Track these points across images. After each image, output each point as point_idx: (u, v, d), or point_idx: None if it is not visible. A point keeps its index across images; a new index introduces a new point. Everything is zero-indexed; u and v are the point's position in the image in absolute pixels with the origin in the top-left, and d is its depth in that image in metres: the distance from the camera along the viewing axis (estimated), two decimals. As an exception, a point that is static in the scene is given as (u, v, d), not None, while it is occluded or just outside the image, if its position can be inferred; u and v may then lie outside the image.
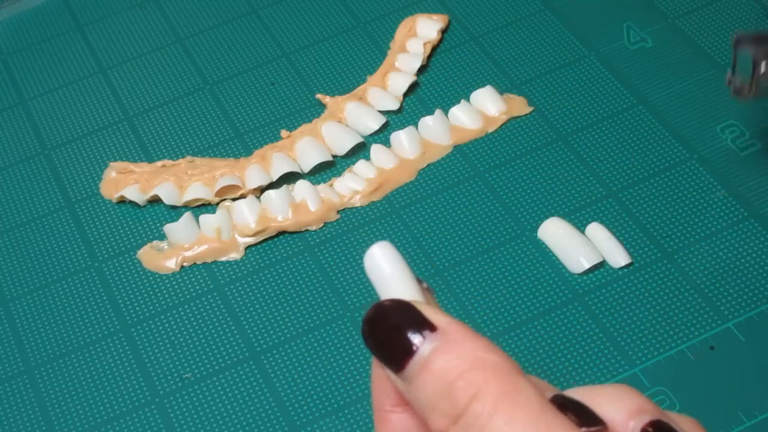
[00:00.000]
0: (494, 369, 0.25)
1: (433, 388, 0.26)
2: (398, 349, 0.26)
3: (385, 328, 0.27)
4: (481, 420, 0.25)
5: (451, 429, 0.26)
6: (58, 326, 0.43)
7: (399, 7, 0.53)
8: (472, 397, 0.25)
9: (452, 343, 0.26)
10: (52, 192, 0.48)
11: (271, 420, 0.39)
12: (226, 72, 0.51)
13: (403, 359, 0.26)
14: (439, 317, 0.26)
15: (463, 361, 0.25)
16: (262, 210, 0.45)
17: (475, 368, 0.25)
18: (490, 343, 0.26)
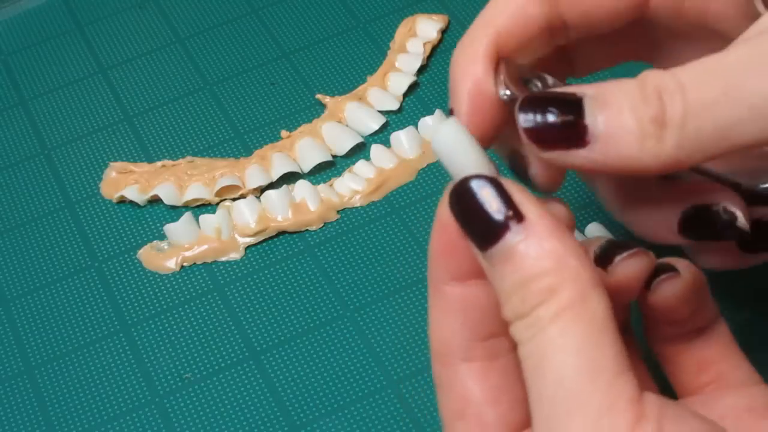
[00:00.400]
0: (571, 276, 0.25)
1: (511, 279, 0.25)
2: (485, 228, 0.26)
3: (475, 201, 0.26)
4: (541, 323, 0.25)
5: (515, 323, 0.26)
6: (58, 326, 0.43)
7: (399, 7, 0.53)
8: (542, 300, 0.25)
9: (536, 238, 0.25)
10: (52, 192, 0.48)
11: (271, 420, 0.39)
12: (226, 72, 0.52)
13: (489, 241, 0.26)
14: (528, 206, 0.26)
15: (545, 261, 0.25)
16: (262, 210, 0.45)
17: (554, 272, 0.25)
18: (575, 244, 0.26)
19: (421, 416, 0.39)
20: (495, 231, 0.26)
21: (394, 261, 0.43)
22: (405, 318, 0.41)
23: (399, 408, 0.39)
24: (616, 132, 0.26)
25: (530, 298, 0.25)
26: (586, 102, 0.26)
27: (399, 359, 0.40)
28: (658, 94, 0.25)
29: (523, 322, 0.25)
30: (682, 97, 0.25)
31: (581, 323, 0.25)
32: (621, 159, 0.26)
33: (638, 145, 0.26)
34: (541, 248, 0.25)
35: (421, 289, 0.42)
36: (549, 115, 0.26)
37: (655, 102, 0.25)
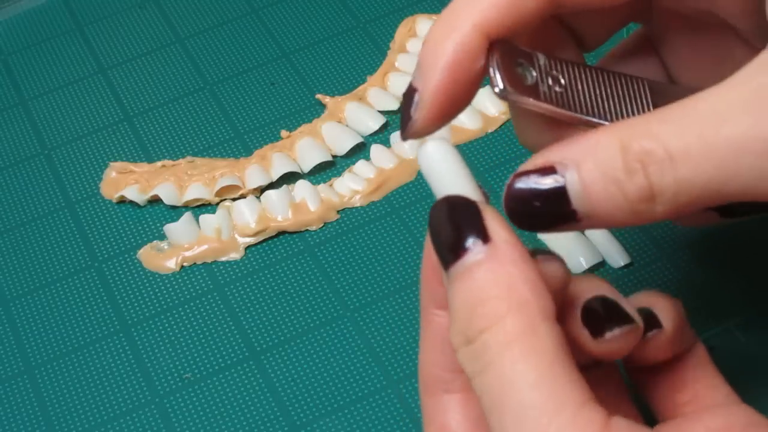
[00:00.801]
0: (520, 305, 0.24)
1: (462, 299, 0.25)
2: (451, 247, 0.25)
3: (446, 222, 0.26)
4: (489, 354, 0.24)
5: (461, 349, 0.25)
6: (58, 326, 0.43)
7: (399, 7, 0.53)
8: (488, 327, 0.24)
9: (495, 261, 0.25)
10: (52, 192, 0.48)
11: (271, 420, 0.39)
12: (226, 72, 0.52)
13: (451, 259, 0.25)
14: (498, 230, 0.25)
15: (495, 285, 0.25)
16: (262, 210, 0.45)
17: (502, 298, 0.24)
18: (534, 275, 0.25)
19: (420, 416, 0.39)
20: (458, 248, 0.25)
21: (394, 261, 0.43)
22: (405, 318, 0.41)
23: (399, 408, 0.39)
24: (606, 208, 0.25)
25: (476, 322, 0.24)
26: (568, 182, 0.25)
27: (399, 359, 0.40)
28: (642, 165, 0.25)
29: (469, 348, 0.25)
30: (673, 173, 0.24)
31: (533, 356, 0.24)
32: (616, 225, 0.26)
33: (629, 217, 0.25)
34: (496, 272, 0.25)
35: (421, 289, 0.42)
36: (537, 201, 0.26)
37: (640, 176, 0.25)
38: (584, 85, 0.29)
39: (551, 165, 0.26)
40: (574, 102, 0.28)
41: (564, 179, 0.25)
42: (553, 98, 0.28)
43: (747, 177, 0.24)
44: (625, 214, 0.25)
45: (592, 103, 0.29)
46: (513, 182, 0.26)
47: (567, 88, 0.28)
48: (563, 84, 0.28)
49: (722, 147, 0.24)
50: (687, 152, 0.24)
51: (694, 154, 0.24)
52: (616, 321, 0.28)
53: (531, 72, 0.28)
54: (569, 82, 0.28)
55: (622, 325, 0.28)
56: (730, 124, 0.24)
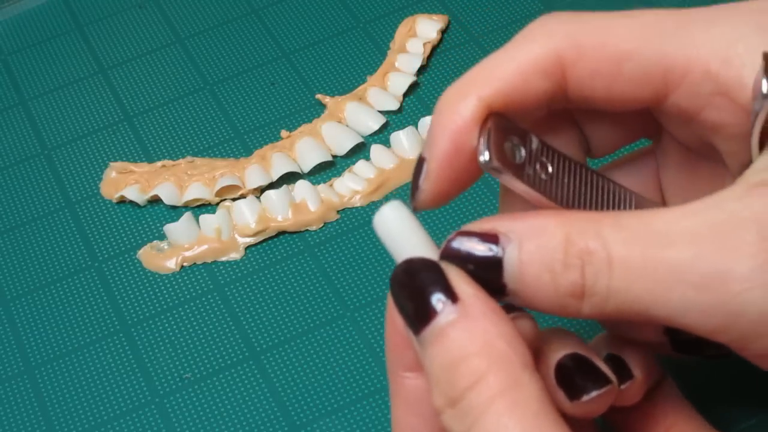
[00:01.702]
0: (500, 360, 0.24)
1: (440, 362, 0.25)
2: (419, 311, 0.25)
3: (408, 287, 0.26)
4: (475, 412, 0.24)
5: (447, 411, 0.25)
6: (58, 326, 0.43)
7: (399, 7, 0.53)
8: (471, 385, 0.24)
9: (469, 319, 0.25)
10: (52, 192, 0.48)
11: (271, 420, 0.39)
12: (226, 72, 0.52)
13: (421, 323, 0.25)
14: (464, 287, 0.25)
15: (473, 343, 0.24)
16: (262, 210, 0.45)
17: (481, 354, 0.24)
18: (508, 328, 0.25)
19: (421, 416, 0.39)
20: (427, 312, 0.25)
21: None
22: (405, 318, 0.41)
23: (399, 408, 0.39)
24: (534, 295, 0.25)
25: (459, 382, 0.24)
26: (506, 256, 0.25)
27: (399, 359, 0.40)
28: (581, 262, 0.25)
29: (457, 408, 0.24)
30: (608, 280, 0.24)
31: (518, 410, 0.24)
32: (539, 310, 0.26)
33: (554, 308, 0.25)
34: (471, 330, 0.25)
35: (421, 289, 0.42)
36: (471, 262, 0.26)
37: (575, 273, 0.25)
38: (570, 180, 0.28)
39: (495, 233, 0.26)
40: (556, 193, 0.28)
41: (503, 252, 0.25)
42: (536, 183, 0.28)
43: (676, 305, 0.24)
44: (551, 305, 0.25)
45: (574, 199, 0.28)
46: (453, 238, 0.26)
47: (553, 178, 0.28)
48: (550, 172, 0.28)
49: (660, 269, 0.24)
50: (626, 264, 0.24)
51: (633, 268, 0.24)
52: (593, 382, 0.28)
53: (520, 151, 0.28)
54: (556, 173, 0.28)
55: (600, 387, 0.28)
56: (675, 250, 0.24)
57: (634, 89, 0.28)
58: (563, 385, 0.27)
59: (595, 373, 0.28)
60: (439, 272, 0.26)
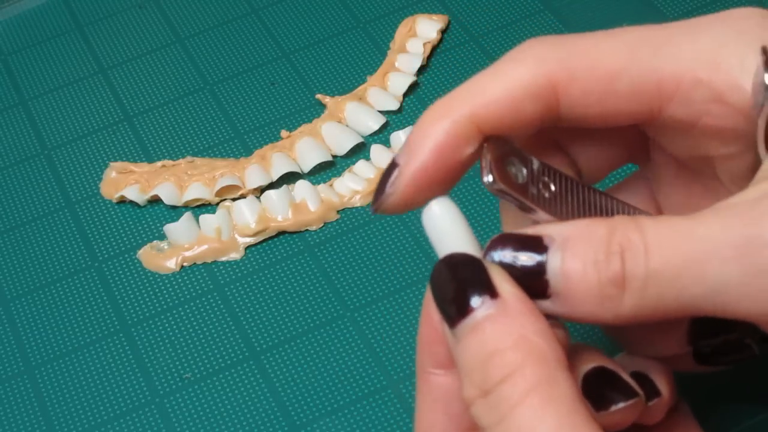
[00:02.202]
0: (536, 355, 0.25)
1: (473, 354, 0.25)
2: (457, 304, 0.26)
3: (450, 281, 0.26)
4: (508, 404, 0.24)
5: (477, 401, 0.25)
6: (58, 326, 0.43)
7: (399, 7, 0.53)
8: (504, 377, 0.24)
9: (506, 315, 0.25)
10: (52, 192, 0.48)
11: (271, 420, 0.39)
12: (226, 72, 0.52)
13: (458, 316, 0.26)
14: (504, 285, 0.26)
15: (509, 337, 0.25)
16: (262, 210, 0.45)
17: (517, 348, 0.25)
18: (545, 326, 0.25)
19: (421, 416, 0.39)
20: (465, 305, 0.25)
21: (394, 261, 0.43)
22: (405, 318, 0.41)
23: (399, 408, 0.39)
24: (577, 290, 0.25)
25: (492, 373, 0.24)
26: (550, 256, 0.26)
27: (399, 359, 0.40)
28: (621, 252, 0.25)
29: (488, 399, 0.25)
30: (645, 262, 0.25)
31: (553, 405, 0.24)
32: (581, 314, 0.26)
33: (597, 305, 0.25)
34: (509, 325, 0.25)
35: (421, 289, 0.42)
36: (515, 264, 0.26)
37: (617, 261, 0.25)
38: (574, 198, 0.29)
39: (540, 235, 0.26)
40: (561, 211, 0.28)
41: (547, 251, 0.26)
42: (541, 202, 0.28)
43: (712, 280, 0.24)
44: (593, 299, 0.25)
45: (579, 216, 0.28)
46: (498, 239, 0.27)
47: (556, 196, 0.28)
48: (553, 191, 0.28)
49: (693, 245, 0.24)
50: (661, 245, 0.25)
51: (667, 247, 0.25)
52: (620, 393, 0.28)
53: (522, 172, 0.28)
54: (559, 191, 0.28)
55: (627, 398, 0.28)
56: (704, 227, 0.25)
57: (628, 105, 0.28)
58: (590, 396, 0.27)
59: (622, 386, 0.28)
60: (481, 268, 0.26)
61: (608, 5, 0.52)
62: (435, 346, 0.28)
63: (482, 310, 0.25)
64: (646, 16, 0.51)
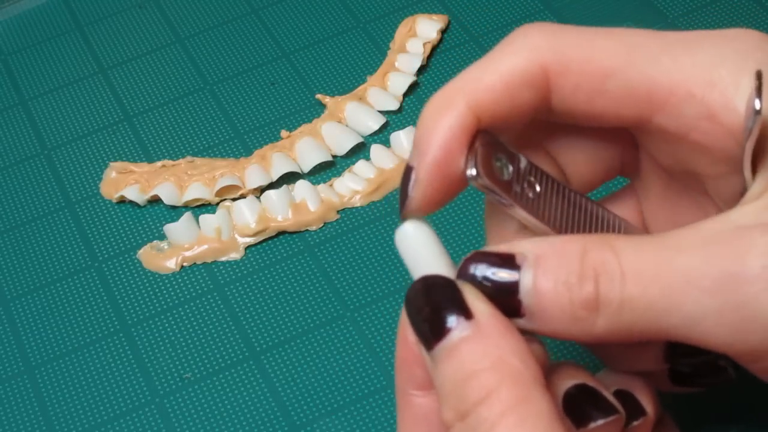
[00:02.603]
0: (512, 375, 0.25)
1: (451, 377, 0.25)
2: (433, 327, 0.26)
3: (424, 303, 0.26)
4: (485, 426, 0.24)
5: (456, 425, 0.25)
6: (58, 326, 0.43)
7: (399, 7, 0.53)
8: (481, 399, 0.24)
9: (482, 336, 0.25)
10: (52, 192, 0.48)
11: (271, 420, 0.39)
12: (226, 72, 0.52)
13: (434, 339, 0.26)
14: (478, 304, 0.26)
15: (485, 358, 0.25)
16: (262, 210, 0.45)
17: (493, 370, 0.25)
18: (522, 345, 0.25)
19: (421, 416, 0.39)
20: (441, 328, 0.26)
21: (394, 261, 0.43)
22: (405, 318, 0.41)
23: (399, 408, 0.39)
24: (549, 310, 0.26)
25: (469, 396, 0.25)
26: (522, 274, 0.26)
27: (399, 359, 0.40)
28: (595, 276, 0.25)
29: (466, 422, 0.25)
30: (621, 287, 0.25)
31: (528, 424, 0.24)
32: (555, 332, 0.26)
33: (570, 324, 0.26)
34: (484, 346, 0.25)
35: (421, 289, 0.42)
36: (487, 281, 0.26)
37: (590, 284, 0.25)
38: (558, 201, 0.29)
39: (512, 253, 0.26)
40: (543, 212, 0.28)
41: (519, 270, 0.26)
42: (524, 201, 0.28)
43: (690, 311, 0.24)
44: (566, 319, 0.25)
45: (562, 220, 0.28)
46: (471, 257, 0.27)
47: (541, 197, 0.28)
48: (538, 192, 0.28)
49: (672, 275, 0.24)
50: (639, 272, 0.25)
51: (645, 275, 0.25)
52: (600, 411, 0.28)
53: (508, 169, 0.28)
54: (544, 192, 0.28)
55: (607, 415, 0.28)
56: (685, 256, 0.24)
57: (617, 107, 0.28)
58: (570, 413, 0.27)
59: (602, 403, 0.28)
60: (454, 289, 0.26)
61: (608, 5, 0.52)
62: (413, 367, 0.28)
63: (457, 332, 0.25)
64: (646, 16, 0.51)
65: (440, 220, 0.44)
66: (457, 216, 0.44)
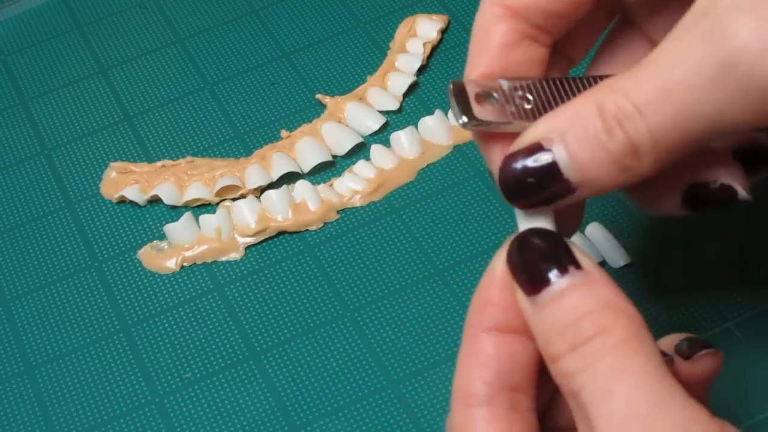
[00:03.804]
0: (627, 314, 0.26)
1: (560, 317, 0.26)
2: (540, 273, 0.27)
3: (534, 251, 0.28)
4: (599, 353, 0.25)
5: (567, 355, 0.26)
6: (58, 326, 0.43)
7: (399, 7, 0.53)
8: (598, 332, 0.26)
9: (593, 284, 0.27)
10: (52, 192, 0.48)
11: (271, 420, 0.39)
12: (226, 72, 0.52)
13: (540, 284, 0.27)
14: (585, 259, 0.27)
15: (599, 301, 0.26)
16: (262, 210, 0.45)
17: (608, 309, 0.26)
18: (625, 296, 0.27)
19: (421, 416, 0.39)
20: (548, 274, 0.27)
21: (394, 261, 0.43)
22: (405, 318, 0.41)
23: (399, 408, 0.39)
24: (594, 173, 0.27)
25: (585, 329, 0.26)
26: (556, 154, 0.27)
27: (399, 359, 0.40)
28: (619, 123, 0.26)
29: (579, 351, 0.26)
30: (645, 123, 0.26)
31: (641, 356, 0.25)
32: (609, 187, 0.27)
33: (620, 176, 0.27)
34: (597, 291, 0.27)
35: (421, 289, 0.42)
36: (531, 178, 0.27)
37: (619, 133, 0.26)
38: (557, 95, 0.29)
39: (537, 141, 0.27)
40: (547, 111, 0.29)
41: (552, 153, 0.27)
42: (524, 115, 0.29)
43: (705, 111, 0.25)
44: (616, 174, 0.27)
45: None
46: (505, 164, 0.28)
47: (536, 102, 0.29)
48: (532, 100, 0.29)
49: (675, 89, 0.25)
50: (650, 101, 0.26)
51: (656, 100, 0.26)
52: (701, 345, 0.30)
53: (494, 96, 0.29)
54: (539, 97, 0.29)
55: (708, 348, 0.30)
56: (679, 68, 0.26)
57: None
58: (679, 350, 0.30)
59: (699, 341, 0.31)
60: (563, 244, 0.27)
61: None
62: (496, 309, 0.29)
63: (567, 279, 0.27)
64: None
65: (442, 217, 0.44)
66: (462, 213, 0.44)
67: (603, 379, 0.25)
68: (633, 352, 0.25)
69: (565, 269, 0.27)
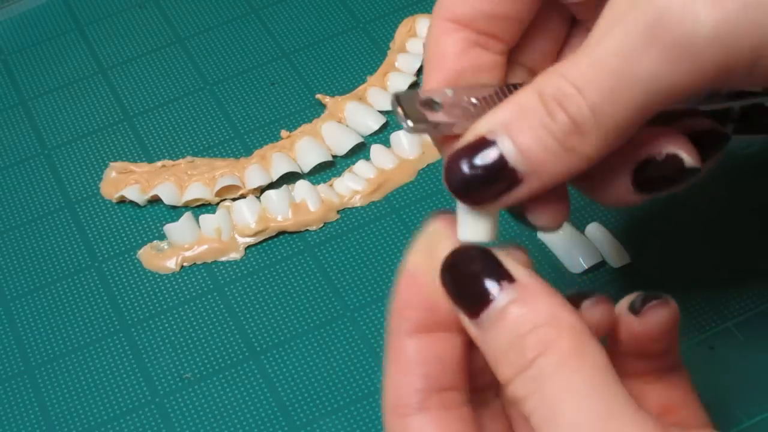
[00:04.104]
0: (568, 327, 0.26)
1: (505, 338, 0.26)
2: (476, 296, 0.26)
3: (464, 274, 0.27)
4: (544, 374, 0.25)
5: (515, 379, 0.26)
6: (58, 326, 0.43)
7: (399, 7, 0.53)
8: (542, 351, 0.25)
9: (530, 296, 0.26)
10: (52, 192, 0.48)
11: (271, 420, 0.39)
12: (226, 72, 0.52)
13: (478, 307, 0.26)
14: (518, 270, 0.27)
15: (539, 315, 0.26)
16: (262, 210, 0.45)
17: (550, 324, 0.26)
18: (566, 302, 0.26)
19: (421, 416, 0.39)
20: (484, 295, 0.26)
21: (394, 261, 0.43)
22: (405, 318, 0.41)
23: (399, 408, 0.39)
24: (541, 158, 0.26)
25: (528, 350, 0.25)
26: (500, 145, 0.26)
27: (399, 359, 0.40)
28: (560, 103, 0.26)
29: (524, 375, 0.26)
30: (584, 98, 0.26)
31: (585, 371, 0.25)
32: (558, 175, 0.27)
33: (567, 159, 0.26)
34: (534, 305, 0.26)
35: (421, 289, 0.42)
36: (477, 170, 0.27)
37: (560, 113, 0.26)
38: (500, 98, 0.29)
39: (482, 136, 0.27)
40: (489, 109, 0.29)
41: (497, 146, 0.27)
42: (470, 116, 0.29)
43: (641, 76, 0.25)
44: (563, 157, 0.26)
45: None
46: (450, 161, 0.27)
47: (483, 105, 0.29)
48: (477, 104, 0.29)
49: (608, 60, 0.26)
50: (587, 78, 0.26)
51: (592, 76, 0.26)
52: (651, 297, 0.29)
53: (437, 102, 0.29)
54: (484, 100, 0.29)
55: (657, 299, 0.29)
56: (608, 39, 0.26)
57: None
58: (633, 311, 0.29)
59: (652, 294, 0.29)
60: (492, 259, 0.27)
61: None
62: (417, 311, 0.28)
63: (504, 296, 0.26)
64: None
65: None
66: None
67: (549, 402, 0.25)
68: (577, 369, 0.25)
69: (500, 286, 0.26)
